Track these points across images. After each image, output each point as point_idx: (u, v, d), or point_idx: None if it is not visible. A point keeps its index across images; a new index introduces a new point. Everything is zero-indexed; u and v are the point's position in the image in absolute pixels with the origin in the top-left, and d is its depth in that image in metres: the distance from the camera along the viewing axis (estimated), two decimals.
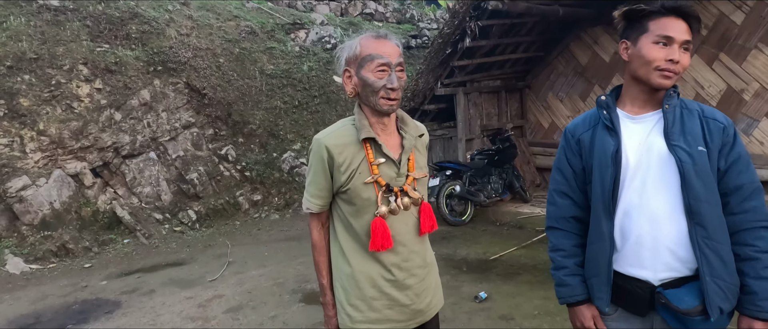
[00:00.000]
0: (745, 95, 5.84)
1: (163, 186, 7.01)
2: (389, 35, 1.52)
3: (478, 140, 7.25)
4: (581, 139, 1.53)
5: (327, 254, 1.62)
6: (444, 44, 6.40)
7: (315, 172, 1.53)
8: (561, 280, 1.57)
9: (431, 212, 1.62)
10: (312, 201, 1.56)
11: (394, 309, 1.56)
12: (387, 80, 1.46)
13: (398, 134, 1.59)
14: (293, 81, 8.55)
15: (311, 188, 1.55)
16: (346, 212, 1.55)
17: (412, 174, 1.56)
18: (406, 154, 1.56)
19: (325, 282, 1.62)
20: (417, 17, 12.13)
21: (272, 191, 7.58)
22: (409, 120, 1.64)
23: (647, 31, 1.39)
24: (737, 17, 5.83)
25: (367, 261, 1.54)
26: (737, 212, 1.38)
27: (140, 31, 7.64)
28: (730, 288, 1.36)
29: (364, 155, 1.51)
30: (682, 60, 1.36)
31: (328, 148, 1.49)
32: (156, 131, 7.15)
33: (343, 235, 1.57)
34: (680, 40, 1.36)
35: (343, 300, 1.57)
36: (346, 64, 1.53)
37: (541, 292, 3.87)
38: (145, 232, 6.34)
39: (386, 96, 1.47)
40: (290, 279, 4.59)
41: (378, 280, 1.54)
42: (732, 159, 1.39)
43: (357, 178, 1.49)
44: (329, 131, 1.55)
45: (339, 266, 1.58)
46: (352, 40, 1.54)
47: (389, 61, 1.46)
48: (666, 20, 1.37)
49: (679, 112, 1.41)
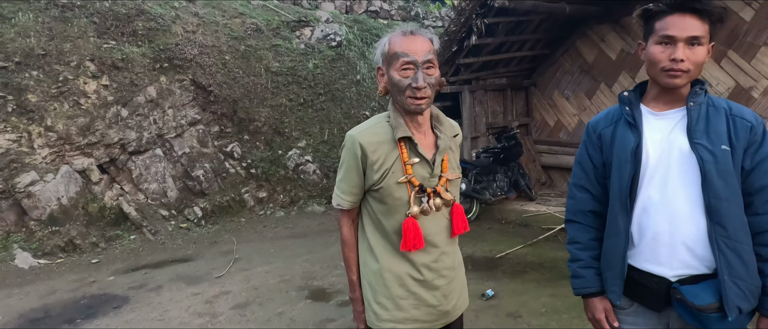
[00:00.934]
0: (753, 93, 5.81)
1: (169, 183, 7.04)
2: (419, 31, 1.48)
3: (484, 138, 7.24)
4: (602, 134, 1.53)
5: (356, 250, 1.61)
6: (450, 42, 6.38)
7: (347, 168, 1.51)
8: (576, 272, 1.58)
9: (463, 214, 1.61)
10: (343, 198, 1.54)
11: (421, 309, 1.55)
12: (412, 79, 1.42)
13: (433, 133, 1.57)
14: (298, 79, 8.56)
15: (343, 184, 1.53)
16: (377, 211, 1.53)
17: (445, 175, 1.54)
18: (441, 154, 1.53)
19: (354, 278, 1.61)
20: (422, 15, 12.10)
21: (277, 189, 7.60)
22: (445, 119, 1.61)
23: (653, 31, 1.39)
24: (746, 14, 5.80)
25: (396, 259, 1.53)
26: (761, 213, 1.36)
27: (147, 27, 7.66)
28: (750, 288, 1.35)
29: (398, 154, 1.48)
30: (690, 56, 1.33)
31: (362, 145, 1.47)
32: (162, 128, 7.18)
33: (372, 233, 1.56)
34: (683, 37, 1.32)
35: (370, 298, 1.57)
36: (380, 62, 1.52)
37: (548, 290, 3.87)
38: (151, 228, 6.37)
39: (412, 95, 1.43)
40: (296, 276, 4.60)
41: (406, 279, 1.53)
42: (759, 159, 1.36)
43: (390, 177, 1.47)
44: (363, 128, 1.52)
45: (366, 262, 1.57)
46: (384, 37, 1.52)
47: (414, 59, 1.42)
48: (669, 19, 1.34)
49: (704, 110, 1.39)
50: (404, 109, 1.48)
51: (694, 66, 1.35)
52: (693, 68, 1.35)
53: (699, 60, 1.35)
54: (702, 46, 1.34)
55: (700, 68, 1.37)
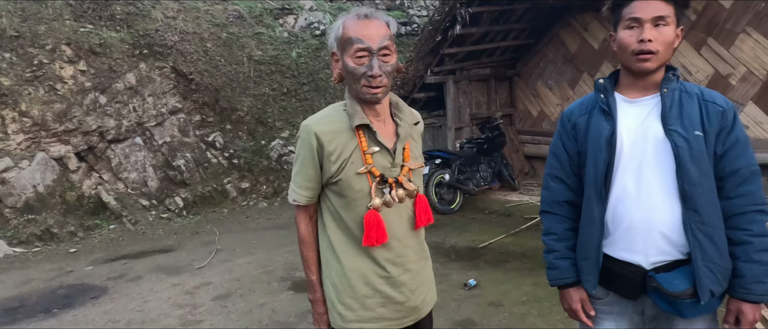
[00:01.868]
0: (731, 80, 5.90)
1: (149, 172, 6.92)
2: (374, 14, 1.38)
3: (468, 128, 7.25)
4: (577, 123, 1.52)
5: (315, 248, 1.52)
6: (434, 32, 6.36)
7: (303, 161, 1.42)
8: (551, 263, 1.58)
9: (427, 205, 1.53)
10: (299, 193, 1.44)
11: (388, 307, 1.47)
12: (367, 67, 1.34)
13: (393, 121, 1.48)
14: (282, 68, 8.45)
15: (298, 178, 1.44)
16: (337, 205, 1.44)
17: (407, 164, 1.47)
18: (402, 143, 1.46)
19: (314, 279, 1.51)
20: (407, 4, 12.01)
21: (260, 179, 7.53)
22: (405, 107, 1.53)
23: (621, 18, 1.40)
24: (726, 2, 5.87)
25: (359, 257, 1.45)
26: (732, 197, 1.38)
27: (125, 12, 7.46)
28: (722, 271, 1.37)
29: (357, 144, 1.40)
30: (657, 36, 1.34)
31: (318, 135, 1.38)
32: (142, 116, 7.03)
33: (333, 229, 1.47)
34: (649, 17, 1.33)
35: (334, 299, 1.48)
36: (335, 47, 1.42)
37: (529, 279, 3.90)
38: (131, 218, 6.27)
39: (368, 84, 1.35)
40: (279, 267, 4.57)
41: (371, 277, 1.45)
42: (730, 143, 1.37)
43: (349, 168, 1.39)
44: (318, 117, 1.43)
45: (329, 262, 1.48)
46: (338, 20, 1.41)
47: (369, 46, 1.33)
48: (635, 3, 1.36)
49: (677, 96, 1.40)
50: (359, 98, 1.41)
51: (662, 47, 1.35)
52: (661, 49, 1.35)
53: (667, 40, 1.35)
54: (668, 26, 1.35)
55: (669, 50, 1.37)
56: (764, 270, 1.36)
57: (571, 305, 1.55)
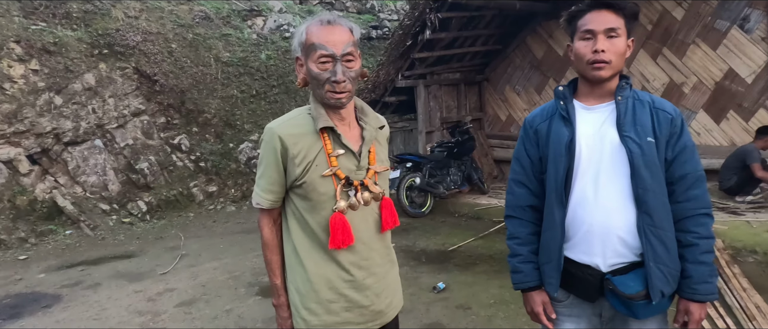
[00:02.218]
0: (684, 88, 6.18)
1: (110, 176, 6.66)
2: (338, 20, 1.39)
3: (438, 132, 7.31)
4: (538, 129, 1.56)
5: (279, 252, 1.51)
6: (404, 36, 6.39)
7: (266, 164, 1.42)
8: (515, 267, 1.61)
9: (393, 208, 1.53)
10: (263, 196, 1.43)
11: (353, 311, 1.47)
12: (331, 73, 1.35)
13: (358, 125, 1.50)
14: (250, 70, 8.31)
15: (262, 181, 1.43)
16: (301, 208, 1.43)
17: (373, 167, 1.47)
18: (367, 146, 1.47)
19: (278, 283, 1.50)
20: (377, 8, 12.04)
21: (228, 183, 7.36)
22: (370, 111, 1.54)
23: (576, 29, 1.46)
24: (678, 13, 6.15)
25: (323, 261, 1.44)
26: (681, 201, 1.44)
27: (82, 10, 7.18)
28: (672, 272, 1.43)
29: (321, 146, 1.40)
30: (610, 47, 1.40)
31: (282, 138, 1.38)
32: (102, 118, 6.77)
33: (298, 233, 1.46)
34: (601, 29, 1.40)
35: (298, 304, 1.47)
36: (298, 51, 1.42)
37: (496, 281, 3.95)
38: (89, 223, 6.01)
39: (332, 89, 1.36)
40: (246, 272, 4.47)
41: (335, 282, 1.44)
42: (678, 149, 1.44)
43: (313, 171, 1.39)
44: (283, 120, 1.44)
45: (293, 267, 1.47)
46: (301, 25, 1.42)
47: (333, 52, 1.34)
48: (588, 15, 1.43)
49: (631, 103, 1.45)
50: (324, 103, 1.42)
51: (614, 56, 1.41)
52: (614, 58, 1.41)
53: (619, 50, 1.42)
54: (619, 37, 1.42)
55: (621, 59, 1.43)
56: (709, 271, 1.43)
57: (533, 308, 1.58)
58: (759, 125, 5.65)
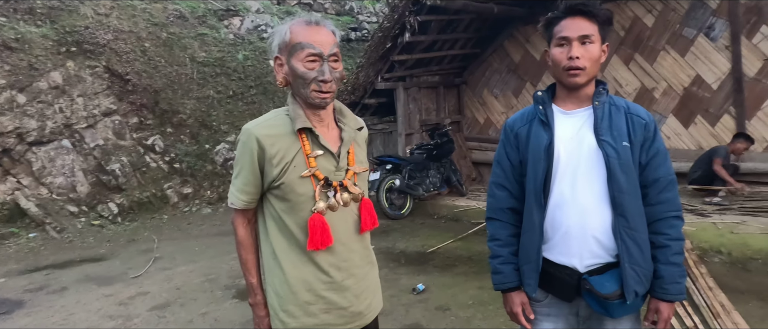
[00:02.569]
0: (655, 93, 6.37)
1: (78, 177, 6.44)
2: (322, 21, 1.40)
3: (418, 134, 7.33)
4: (519, 133, 1.58)
5: (254, 251, 1.50)
6: (384, 38, 6.40)
7: (242, 165, 1.40)
8: (495, 268, 1.63)
9: (372, 209, 1.53)
10: (237, 196, 1.42)
11: (332, 313, 1.46)
12: (318, 72, 1.36)
13: (336, 126, 1.49)
14: (227, 70, 8.19)
15: (237, 181, 1.42)
16: (279, 210, 1.42)
17: (352, 168, 1.47)
18: (346, 146, 1.46)
19: (254, 281, 1.48)
20: (356, 10, 12.05)
21: (204, 184, 7.22)
22: (348, 112, 1.54)
23: (553, 36, 1.50)
24: (648, 20, 6.33)
25: (302, 263, 1.43)
26: (654, 203, 1.49)
27: (47, 6, 6.94)
28: (645, 272, 1.47)
29: (300, 147, 1.39)
30: (584, 53, 1.44)
31: (259, 139, 1.36)
32: (70, 117, 6.55)
33: (276, 235, 1.44)
34: (575, 36, 1.44)
35: (276, 306, 1.45)
36: (277, 51, 1.41)
37: (475, 283, 3.97)
38: (56, 225, 5.78)
39: (318, 89, 1.37)
40: (223, 275, 4.38)
41: (314, 284, 1.43)
42: (652, 153, 1.48)
43: (292, 171, 1.38)
44: (260, 121, 1.42)
45: (271, 269, 1.46)
46: (282, 25, 1.42)
47: (321, 51, 1.36)
48: (563, 23, 1.47)
49: (607, 108, 1.49)
50: (307, 102, 1.41)
51: (589, 63, 1.45)
52: (588, 65, 1.45)
53: (593, 57, 1.45)
54: (594, 44, 1.45)
55: (595, 65, 1.47)
56: (679, 272, 1.48)
57: (513, 308, 1.61)
58: (724, 130, 5.86)
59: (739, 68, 5.67)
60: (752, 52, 5.65)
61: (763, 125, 5.65)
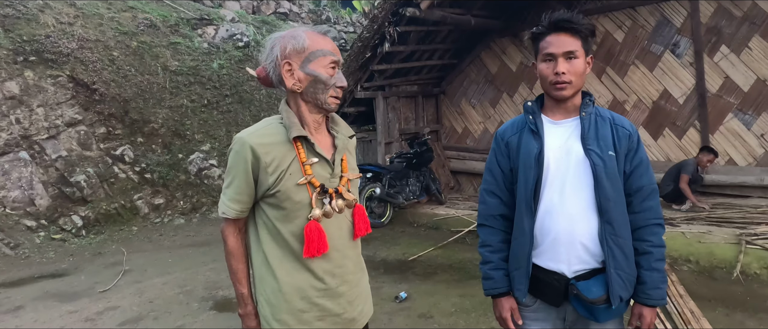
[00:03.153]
0: (626, 106, 6.57)
1: (37, 189, 6.10)
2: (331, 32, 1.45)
3: (397, 143, 7.33)
4: (509, 142, 1.61)
5: (245, 261, 1.47)
6: (363, 48, 6.41)
7: (236, 174, 1.38)
8: (486, 274, 1.65)
9: (365, 215, 1.55)
10: (230, 206, 1.41)
11: (326, 320, 1.45)
12: (337, 78, 1.42)
13: (329, 134, 1.52)
14: (201, 79, 8.00)
15: (229, 190, 1.40)
16: (273, 218, 1.41)
17: (346, 175, 1.49)
18: (340, 154, 1.48)
19: (245, 292, 1.45)
20: (333, 20, 12.08)
21: (177, 195, 6.97)
22: (340, 121, 1.57)
23: (539, 51, 1.54)
24: (619, 35, 6.56)
25: (296, 271, 1.41)
26: (638, 211, 1.53)
27: (1, 14, 6.63)
28: (629, 278, 1.51)
29: (295, 155, 1.39)
30: (569, 68, 1.48)
31: (254, 147, 1.35)
32: (29, 129, 6.23)
33: (269, 243, 1.43)
34: (560, 52, 1.48)
35: (269, 316, 1.43)
36: (286, 57, 1.40)
37: (457, 290, 3.93)
38: (9, 241, 5.44)
39: (335, 95, 1.43)
40: (199, 287, 4.20)
41: (308, 291, 1.42)
42: (635, 163, 1.53)
43: (287, 179, 1.37)
44: (254, 129, 1.41)
45: (264, 278, 1.43)
46: (291, 31, 1.44)
47: (339, 59, 1.44)
48: (549, 38, 1.51)
49: (594, 119, 1.54)
50: (318, 107, 1.43)
51: (575, 76, 1.49)
52: (574, 79, 1.50)
53: (578, 71, 1.50)
54: (578, 58, 1.50)
55: (581, 78, 1.51)
56: (661, 277, 1.52)
57: (502, 313, 1.63)
58: (690, 143, 6.09)
59: (703, 84, 5.92)
60: (714, 70, 5.91)
61: (724, 139, 5.89)
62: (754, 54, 5.62)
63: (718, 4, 5.82)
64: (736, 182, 5.72)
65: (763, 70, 5.61)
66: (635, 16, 6.39)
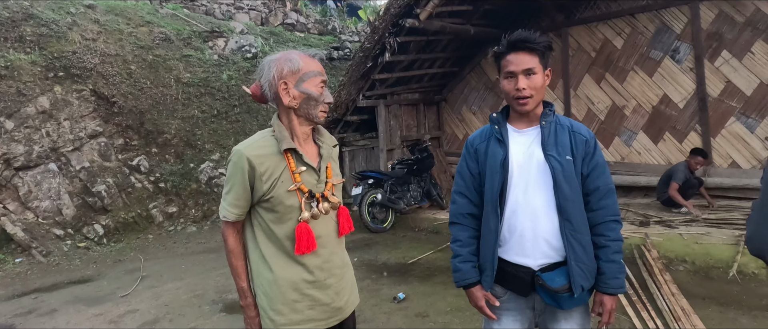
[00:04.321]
0: (626, 111, 6.67)
1: (64, 200, 6.49)
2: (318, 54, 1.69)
3: (399, 150, 7.51)
4: (478, 148, 1.78)
5: (244, 259, 1.68)
6: (365, 58, 6.60)
7: (234, 183, 1.58)
8: (456, 266, 1.81)
9: (348, 215, 1.75)
10: (230, 210, 1.61)
11: (316, 309, 1.65)
12: (325, 95, 1.64)
13: (314, 143, 1.71)
14: (212, 90, 8.33)
15: (229, 197, 1.60)
16: (268, 220, 1.61)
17: (330, 181, 1.69)
18: (325, 162, 1.68)
19: (244, 285, 1.66)
20: (339, 29, 12.31)
21: (189, 203, 7.31)
22: (325, 132, 1.77)
23: (501, 69, 1.71)
24: (618, 42, 6.67)
25: (289, 265, 1.61)
26: (595, 209, 1.70)
27: (37, 33, 7.05)
28: (590, 269, 1.69)
29: (286, 165, 1.59)
30: (529, 84, 1.64)
31: (250, 159, 1.55)
32: (57, 141, 6.62)
33: (265, 242, 1.63)
34: (520, 70, 1.64)
35: (266, 306, 1.62)
36: (282, 77, 1.60)
37: (453, 291, 4.11)
38: (42, 249, 5.82)
39: (325, 109, 1.64)
40: (210, 291, 4.49)
41: (300, 284, 1.62)
42: (592, 166, 1.70)
43: (280, 186, 1.57)
44: (249, 143, 1.61)
45: (260, 272, 1.63)
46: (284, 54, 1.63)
47: (326, 79, 1.66)
48: (508, 57, 1.66)
49: (553, 127, 1.71)
50: (310, 120, 1.64)
51: (535, 91, 1.66)
52: (535, 93, 1.67)
53: (537, 85, 1.66)
54: (536, 74, 1.66)
55: (541, 91, 1.68)
56: (619, 268, 1.70)
57: (477, 302, 1.78)
58: (691, 146, 6.08)
59: (703, 89, 5.99)
60: (715, 75, 5.97)
61: (727, 142, 5.94)
62: (757, 58, 5.67)
63: (719, 10, 5.87)
64: (740, 185, 5.74)
65: (766, 74, 5.65)
66: (634, 23, 6.48)
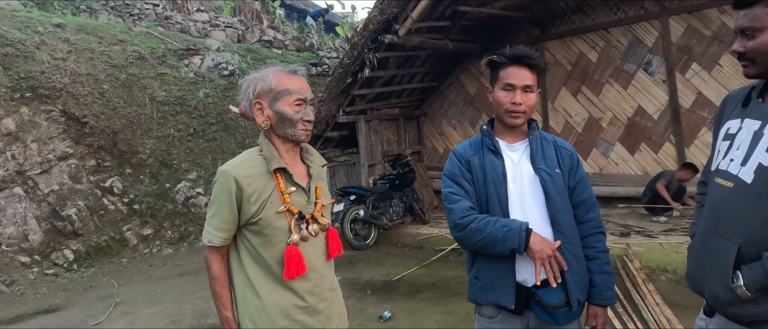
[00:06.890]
0: (602, 123, 6.80)
1: (31, 225, 6.20)
2: (300, 71, 1.59)
3: (380, 165, 7.48)
4: (470, 161, 1.72)
5: (229, 286, 1.58)
6: (344, 74, 6.59)
7: (220, 205, 1.49)
8: (505, 224, 1.56)
9: (337, 237, 1.69)
10: (215, 234, 1.52)
11: None
12: (304, 113, 1.54)
13: (303, 164, 1.65)
14: (188, 108, 8.17)
15: (214, 220, 1.51)
16: (255, 244, 1.53)
17: (320, 201, 1.62)
18: (315, 182, 1.62)
19: (229, 315, 1.56)
20: (316, 46, 12.31)
21: (165, 224, 7.08)
22: (314, 151, 1.71)
23: (498, 79, 1.68)
24: (593, 56, 6.83)
25: (278, 291, 1.53)
26: (583, 221, 1.70)
27: (1, 53, 6.80)
28: (584, 281, 1.67)
29: (275, 185, 1.52)
30: (525, 100, 1.64)
31: (237, 179, 1.47)
32: (23, 164, 6.35)
33: (252, 267, 1.54)
34: (520, 85, 1.63)
35: None
36: (256, 97, 1.54)
37: (440, 307, 4.06)
38: (5, 279, 5.52)
39: (304, 128, 1.55)
40: (188, 316, 4.31)
41: (290, 310, 1.54)
42: (577, 179, 1.71)
43: (268, 208, 1.49)
44: (237, 162, 1.54)
45: (247, 299, 1.54)
46: (262, 73, 1.57)
47: (306, 97, 1.55)
48: (510, 69, 1.65)
49: (539, 142, 1.71)
50: (291, 139, 1.56)
51: (528, 108, 1.67)
52: (528, 110, 1.67)
53: (531, 103, 1.67)
54: (533, 92, 1.67)
55: (532, 109, 1.69)
56: (610, 279, 1.70)
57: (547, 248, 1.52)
58: (666, 156, 6.29)
59: (676, 100, 6.16)
60: (686, 86, 6.16)
61: (700, 152, 6.09)
62: (725, 70, 5.86)
63: (687, 24, 6.07)
64: None
65: (734, 86, 5.85)
66: (608, 37, 6.65)
